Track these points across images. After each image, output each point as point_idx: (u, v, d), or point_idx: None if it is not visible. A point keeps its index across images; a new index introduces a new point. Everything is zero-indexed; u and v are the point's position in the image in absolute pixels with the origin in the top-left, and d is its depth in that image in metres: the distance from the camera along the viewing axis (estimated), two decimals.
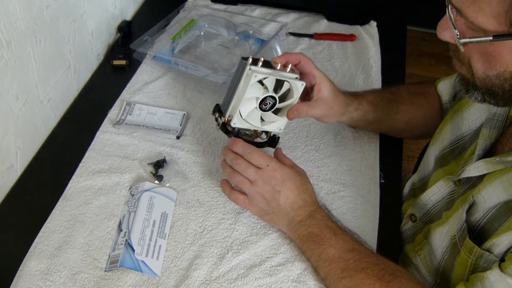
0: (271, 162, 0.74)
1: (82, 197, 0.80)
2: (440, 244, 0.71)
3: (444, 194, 0.74)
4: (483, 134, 0.69)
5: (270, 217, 0.75)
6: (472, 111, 0.75)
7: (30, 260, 0.72)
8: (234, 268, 0.72)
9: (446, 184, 0.74)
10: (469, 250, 0.63)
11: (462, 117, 0.77)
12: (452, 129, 0.78)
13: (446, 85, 0.89)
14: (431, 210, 0.77)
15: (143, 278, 0.71)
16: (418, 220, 0.80)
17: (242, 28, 1.09)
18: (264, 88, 0.74)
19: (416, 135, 0.95)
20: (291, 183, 0.73)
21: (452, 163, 0.75)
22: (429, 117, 0.91)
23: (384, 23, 1.21)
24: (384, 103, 0.87)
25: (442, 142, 0.80)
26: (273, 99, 0.74)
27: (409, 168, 1.35)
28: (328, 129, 0.94)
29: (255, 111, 0.75)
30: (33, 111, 0.86)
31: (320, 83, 0.78)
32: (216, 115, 0.78)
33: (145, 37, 1.03)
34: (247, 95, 0.73)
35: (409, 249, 0.81)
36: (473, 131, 0.74)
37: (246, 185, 0.74)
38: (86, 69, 1.04)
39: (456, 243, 0.66)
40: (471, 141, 0.73)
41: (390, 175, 0.88)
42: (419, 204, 0.79)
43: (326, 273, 0.69)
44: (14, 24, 0.76)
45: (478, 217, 0.64)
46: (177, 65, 1.02)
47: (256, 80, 0.72)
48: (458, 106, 0.79)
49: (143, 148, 0.88)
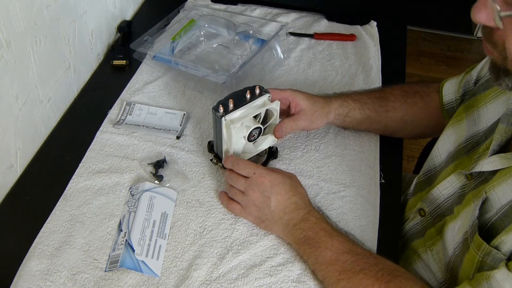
0: (257, 169, 0.75)
1: (82, 197, 0.80)
2: (452, 240, 0.70)
3: (456, 188, 0.74)
4: (499, 130, 0.68)
5: (265, 224, 0.76)
6: (489, 108, 0.74)
7: (30, 260, 0.72)
8: (234, 268, 0.72)
9: (457, 179, 0.73)
10: (477, 247, 0.63)
11: (479, 114, 0.76)
12: (468, 126, 0.77)
13: (453, 84, 0.88)
14: (442, 205, 0.76)
15: (143, 278, 0.71)
16: (428, 215, 0.79)
17: (242, 28, 1.09)
18: (246, 126, 0.78)
19: (414, 134, 0.95)
20: (280, 188, 0.74)
21: (464, 157, 0.75)
22: (426, 117, 0.90)
23: (384, 23, 1.21)
24: (371, 101, 0.88)
25: (458, 138, 0.79)
26: (258, 128, 0.79)
27: (409, 168, 1.35)
28: (328, 129, 0.94)
29: (246, 145, 0.81)
30: (33, 111, 0.86)
31: (294, 98, 0.84)
32: (213, 159, 0.84)
33: (145, 37, 1.03)
34: (234, 141, 0.78)
35: (418, 244, 0.81)
36: (488, 127, 0.73)
37: (239, 196, 0.76)
38: (86, 69, 1.04)
39: (467, 239, 0.66)
40: (486, 136, 0.72)
41: (390, 175, 0.87)
42: (429, 198, 0.78)
43: (324, 276, 0.69)
44: (14, 24, 0.76)
45: (490, 214, 0.63)
46: (177, 65, 1.02)
47: (235, 128, 0.76)
48: (473, 102, 0.77)
49: (143, 148, 0.88)
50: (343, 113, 0.87)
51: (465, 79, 0.86)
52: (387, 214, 0.81)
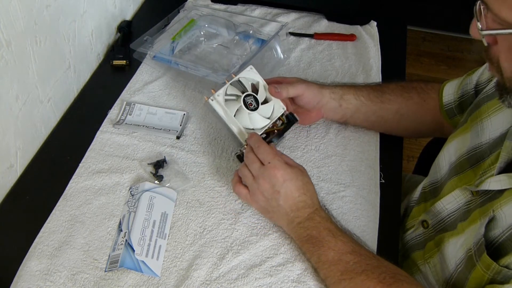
0: (274, 159, 0.73)
1: (82, 197, 0.80)
2: (454, 255, 0.70)
3: (461, 204, 0.73)
4: (506, 147, 0.66)
5: (271, 215, 0.76)
6: (493, 120, 0.73)
7: (30, 260, 0.72)
8: (234, 268, 0.72)
9: (462, 194, 0.72)
10: (486, 266, 0.62)
11: (483, 126, 0.74)
12: (472, 138, 0.76)
13: (453, 85, 0.88)
14: (446, 219, 0.75)
15: (143, 278, 0.71)
16: (431, 227, 0.78)
17: (242, 28, 1.09)
18: (237, 97, 0.82)
19: (412, 131, 0.94)
20: (291, 184, 0.73)
21: (469, 172, 0.74)
22: (422, 113, 0.90)
23: (384, 23, 1.21)
24: (366, 90, 0.89)
25: (459, 149, 0.78)
26: (250, 95, 0.82)
27: (409, 168, 1.35)
28: (328, 129, 0.94)
29: (251, 116, 0.81)
30: (33, 111, 0.86)
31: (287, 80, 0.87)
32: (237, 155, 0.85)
33: (145, 37, 1.03)
34: (232, 114, 0.80)
35: (418, 256, 0.80)
36: (492, 140, 0.72)
37: (249, 180, 0.75)
38: (86, 69, 1.04)
39: (471, 257, 0.65)
40: (490, 151, 0.70)
41: (390, 175, 0.87)
42: (432, 211, 0.78)
43: (326, 275, 0.69)
44: (14, 24, 0.76)
45: (497, 233, 0.62)
46: (177, 65, 1.02)
47: (220, 99, 0.80)
48: (477, 114, 0.77)
49: (143, 148, 0.88)
50: (338, 94, 0.87)
51: (465, 81, 0.86)
52: (387, 214, 0.81)
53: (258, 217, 0.79)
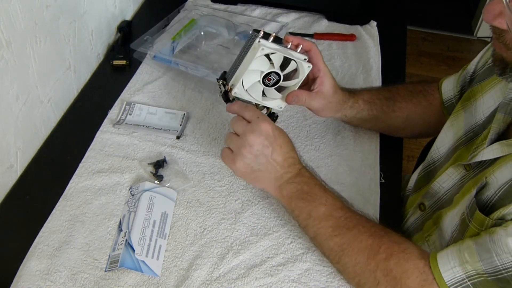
0: (262, 115, 0.72)
1: (82, 197, 0.80)
2: (450, 225, 0.70)
3: (456, 180, 0.74)
4: (497, 119, 0.68)
5: (256, 174, 0.71)
6: (485, 99, 0.74)
7: (30, 260, 0.72)
8: (235, 268, 0.72)
9: (456, 170, 0.73)
10: (480, 223, 0.62)
11: (476, 106, 0.76)
12: (466, 119, 0.77)
13: (451, 81, 0.89)
14: (442, 197, 0.76)
15: (143, 278, 0.71)
16: (428, 208, 0.79)
17: (242, 28, 1.09)
18: (270, 64, 0.73)
19: (416, 133, 0.95)
20: (282, 140, 0.71)
21: (463, 149, 0.75)
22: (428, 116, 0.90)
23: (384, 23, 1.21)
24: (380, 101, 0.87)
25: (456, 132, 0.79)
26: (278, 75, 0.73)
27: (409, 168, 1.35)
28: (328, 129, 0.94)
29: (258, 85, 0.74)
30: (33, 111, 0.86)
31: (323, 77, 0.78)
32: (220, 82, 0.77)
33: (145, 37, 1.03)
34: (252, 67, 0.72)
35: (417, 238, 0.81)
36: (485, 117, 0.73)
37: (233, 139, 0.71)
38: (86, 69, 1.04)
39: (464, 220, 0.65)
40: (484, 127, 0.72)
41: (390, 175, 0.87)
42: (430, 192, 0.78)
43: (315, 232, 0.69)
44: (14, 24, 0.76)
45: (489, 195, 0.63)
46: (177, 65, 1.02)
47: (262, 54, 0.71)
48: (470, 94, 0.77)
49: (143, 148, 0.88)
50: (350, 114, 0.86)
51: (462, 74, 0.87)
52: (387, 214, 0.81)
53: (258, 217, 0.79)
